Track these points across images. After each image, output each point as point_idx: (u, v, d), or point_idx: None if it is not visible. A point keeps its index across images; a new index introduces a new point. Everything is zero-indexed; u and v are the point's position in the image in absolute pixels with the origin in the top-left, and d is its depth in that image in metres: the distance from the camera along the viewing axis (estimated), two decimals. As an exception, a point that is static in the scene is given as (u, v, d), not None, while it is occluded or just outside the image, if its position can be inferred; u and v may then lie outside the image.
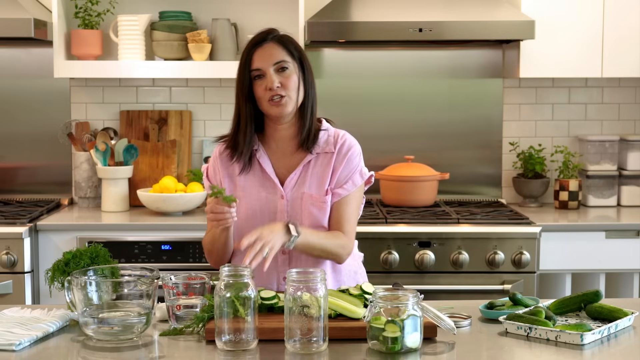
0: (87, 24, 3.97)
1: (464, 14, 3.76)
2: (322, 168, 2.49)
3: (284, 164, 2.51)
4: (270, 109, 2.44)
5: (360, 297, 2.22)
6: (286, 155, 2.51)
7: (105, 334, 2.08)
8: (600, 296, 2.31)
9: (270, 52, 2.43)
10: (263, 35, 2.46)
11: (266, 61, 2.43)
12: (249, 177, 2.50)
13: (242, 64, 2.46)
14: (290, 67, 2.44)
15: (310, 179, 2.48)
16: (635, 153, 4.13)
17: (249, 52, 2.45)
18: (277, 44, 2.45)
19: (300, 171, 2.49)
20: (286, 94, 2.42)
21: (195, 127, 4.21)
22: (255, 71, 2.43)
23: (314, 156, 2.50)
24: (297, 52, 2.47)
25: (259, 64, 2.43)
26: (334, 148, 2.50)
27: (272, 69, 2.42)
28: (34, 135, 4.16)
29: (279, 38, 2.46)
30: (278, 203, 2.47)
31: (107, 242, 3.55)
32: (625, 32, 3.87)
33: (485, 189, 4.26)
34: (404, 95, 4.21)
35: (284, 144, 2.51)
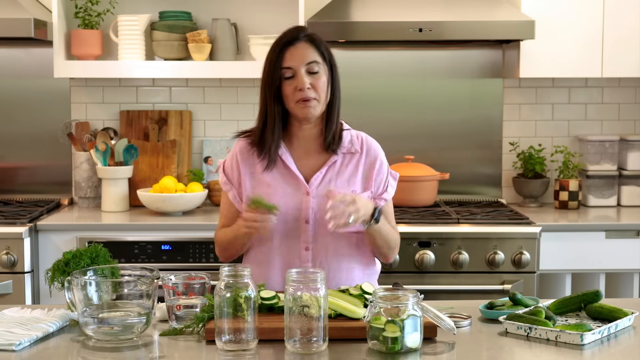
0: (87, 24, 3.97)
1: (464, 14, 3.76)
2: (350, 169, 2.51)
3: (307, 162, 2.50)
4: (298, 109, 2.42)
5: (360, 297, 2.22)
6: (309, 154, 2.51)
7: (105, 334, 2.08)
8: (600, 296, 2.31)
9: (302, 51, 2.42)
10: (295, 34, 2.44)
11: (298, 61, 2.41)
12: (273, 174, 2.48)
13: (272, 62, 2.43)
14: (321, 69, 2.43)
15: (337, 179, 2.49)
16: (635, 153, 4.13)
17: (281, 50, 2.42)
18: (309, 44, 2.43)
19: (326, 170, 2.49)
20: (315, 96, 2.41)
21: (195, 127, 4.21)
22: (286, 70, 2.41)
23: (339, 156, 2.50)
24: (327, 52, 2.46)
25: (291, 63, 2.41)
26: (360, 149, 2.52)
27: (304, 69, 2.41)
28: (34, 135, 4.16)
29: (310, 38, 2.44)
30: (303, 199, 2.46)
31: (107, 242, 3.54)
32: (625, 32, 3.87)
33: (485, 189, 4.26)
34: (404, 95, 4.21)
35: (307, 143, 2.51)
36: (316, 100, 2.41)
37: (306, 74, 2.41)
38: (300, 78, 2.40)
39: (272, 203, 2.33)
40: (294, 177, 2.48)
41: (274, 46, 2.44)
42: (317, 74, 2.41)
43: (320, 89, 2.41)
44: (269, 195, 2.45)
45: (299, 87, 2.40)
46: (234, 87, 4.19)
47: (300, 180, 2.47)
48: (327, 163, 2.49)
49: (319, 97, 2.42)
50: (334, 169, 2.50)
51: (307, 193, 2.47)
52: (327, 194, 2.39)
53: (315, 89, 2.41)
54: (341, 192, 2.37)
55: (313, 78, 2.41)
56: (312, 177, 2.48)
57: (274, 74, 2.42)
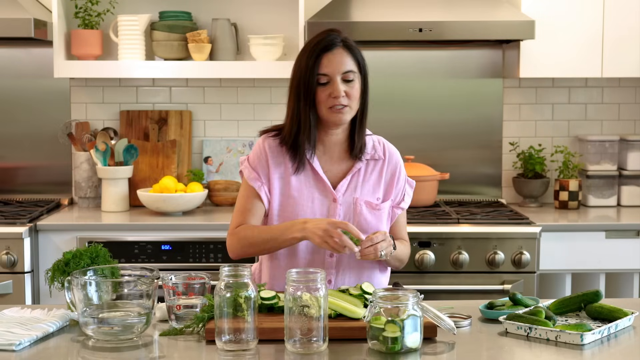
0: (87, 24, 3.97)
1: (464, 14, 3.76)
2: (375, 176, 2.52)
3: (332, 168, 2.50)
4: (331, 116, 2.41)
5: (360, 297, 2.22)
6: (334, 160, 2.51)
7: (105, 334, 2.08)
8: (600, 296, 2.31)
9: (340, 59, 2.40)
10: (331, 39, 2.41)
11: (335, 68, 2.39)
12: (301, 177, 2.48)
13: (308, 67, 2.40)
14: (356, 77, 2.42)
15: (362, 186, 2.50)
16: (635, 153, 4.13)
17: (318, 56, 2.39)
18: (346, 51, 2.42)
19: (351, 177, 2.49)
20: (348, 104, 2.40)
21: (195, 127, 4.21)
22: (322, 76, 2.40)
23: (363, 163, 2.51)
24: (362, 59, 2.45)
25: (328, 70, 2.39)
26: (383, 155, 2.53)
27: (340, 77, 2.39)
28: (34, 135, 4.16)
29: (347, 44, 2.42)
30: (330, 206, 2.47)
31: (107, 242, 3.54)
32: (625, 32, 3.87)
33: (485, 189, 4.26)
34: (404, 95, 4.21)
35: (332, 149, 2.50)
36: (349, 107, 2.41)
37: (342, 81, 2.39)
38: (335, 86, 2.39)
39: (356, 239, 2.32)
40: (322, 182, 2.47)
41: (310, 51, 2.41)
42: (351, 82, 2.41)
43: (353, 96, 2.41)
44: (296, 199, 2.45)
45: (333, 95, 2.39)
46: (234, 87, 4.19)
47: (327, 186, 2.47)
48: (352, 170, 2.50)
49: (352, 105, 2.42)
50: (359, 176, 2.50)
51: (334, 200, 2.47)
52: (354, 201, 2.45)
53: (349, 96, 2.40)
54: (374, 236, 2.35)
55: (348, 86, 2.40)
56: (339, 185, 2.48)
57: (309, 79, 2.40)
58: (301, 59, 2.43)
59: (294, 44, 4.02)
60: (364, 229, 2.46)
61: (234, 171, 4.16)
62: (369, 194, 2.49)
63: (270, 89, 4.19)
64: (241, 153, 4.17)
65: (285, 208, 2.45)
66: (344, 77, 2.40)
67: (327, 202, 2.46)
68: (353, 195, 2.48)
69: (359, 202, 2.48)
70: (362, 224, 2.46)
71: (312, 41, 2.44)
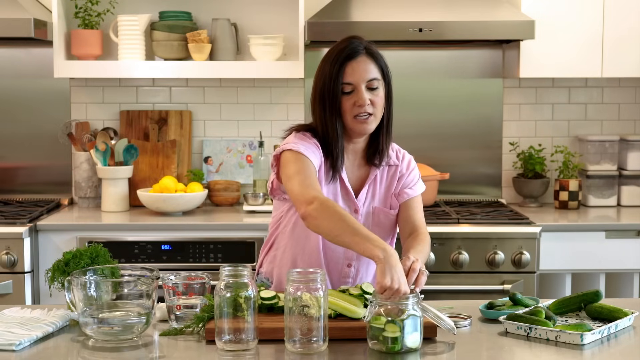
0: (87, 24, 3.97)
1: (464, 14, 3.76)
2: (389, 181, 2.51)
3: (353, 175, 2.48)
4: (356, 125, 2.38)
5: (360, 297, 2.22)
6: (354, 167, 2.49)
7: (105, 334, 2.08)
8: (600, 296, 2.31)
9: (364, 67, 2.37)
10: (355, 47, 2.38)
11: (360, 77, 2.36)
12: (331, 185, 2.44)
13: (333, 76, 2.35)
14: (380, 85, 2.39)
15: (378, 193, 2.49)
16: (635, 153, 4.13)
17: (342, 65, 2.36)
18: (370, 59, 2.38)
19: (369, 185, 2.48)
20: (373, 112, 2.38)
21: (195, 127, 4.21)
22: (347, 85, 2.36)
23: (379, 170, 2.49)
24: (386, 67, 2.42)
25: (352, 78, 2.36)
26: (398, 161, 2.53)
27: (364, 86, 2.36)
28: (34, 135, 4.16)
29: (371, 52, 2.39)
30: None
31: (107, 242, 3.54)
32: (625, 32, 3.87)
33: (485, 189, 4.26)
34: (403, 95, 4.21)
35: (353, 156, 2.48)
36: (373, 116, 2.39)
37: (366, 90, 2.37)
38: (360, 94, 2.35)
39: None
40: (347, 192, 2.45)
41: (333, 60, 2.37)
42: (376, 90, 2.38)
43: (378, 105, 2.38)
44: None
45: (358, 103, 2.36)
46: (234, 87, 4.19)
47: (351, 196, 2.45)
48: (370, 178, 2.48)
49: (377, 113, 2.39)
50: (375, 183, 2.49)
51: (355, 210, 2.45)
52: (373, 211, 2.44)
53: (374, 105, 2.37)
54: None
55: (372, 94, 2.37)
56: (359, 194, 2.46)
57: (334, 88, 2.35)
58: (324, 67, 2.38)
59: (294, 44, 4.02)
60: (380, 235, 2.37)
61: (234, 171, 4.16)
62: (383, 200, 2.50)
63: (270, 89, 4.19)
64: (241, 153, 4.17)
65: None
66: (368, 85, 2.37)
67: (349, 211, 2.43)
68: (372, 205, 2.47)
69: (377, 211, 2.48)
70: (379, 232, 2.41)
71: (334, 49, 2.39)
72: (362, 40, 2.41)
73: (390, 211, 2.50)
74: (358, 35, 2.44)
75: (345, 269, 2.47)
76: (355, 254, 2.41)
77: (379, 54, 2.42)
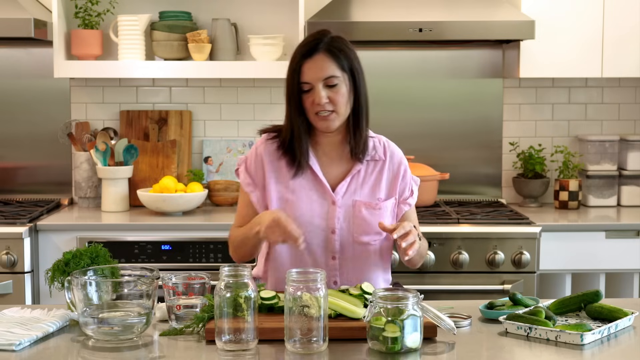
0: (87, 24, 3.97)
1: (464, 14, 3.76)
2: (374, 176, 2.50)
3: (331, 169, 2.49)
4: (318, 122, 2.40)
5: (360, 297, 2.22)
6: (334, 161, 2.49)
7: (105, 334, 2.08)
8: (600, 296, 2.31)
9: (320, 65, 2.37)
10: (313, 44, 2.39)
11: (315, 75, 2.37)
12: (300, 180, 2.46)
13: (291, 75, 2.39)
14: (340, 81, 2.38)
15: (361, 187, 2.48)
16: (635, 153, 4.13)
17: (298, 63, 2.38)
18: (327, 56, 2.38)
19: (350, 179, 2.48)
20: (334, 109, 2.38)
21: (195, 127, 4.21)
22: (305, 84, 2.38)
23: (363, 164, 2.49)
24: (348, 61, 2.40)
25: (308, 77, 2.37)
26: (384, 156, 2.51)
27: (321, 84, 2.37)
28: (34, 135, 4.16)
29: (329, 48, 2.39)
30: (329, 208, 2.45)
31: (107, 242, 3.54)
32: (625, 32, 3.87)
33: (485, 189, 4.26)
34: (404, 95, 4.21)
35: (331, 151, 2.49)
36: (335, 113, 2.39)
37: (324, 87, 2.37)
38: (317, 93, 2.37)
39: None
40: (321, 185, 2.46)
41: (293, 57, 2.40)
42: (335, 87, 2.38)
43: (339, 102, 2.38)
44: (295, 202, 2.44)
45: (316, 102, 2.37)
46: (234, 87, 4.19)
47: (326, 188, 2.46)
48: (352, 172, 2.48)
49: (338, 109, 2.39)
50: (358, 177, 2.48)
51: (333, 202, 2.46)
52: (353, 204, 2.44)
53: (334, 102, 2.38)
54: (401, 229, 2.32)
55: (331, 91, 2.38)
56: (338, 187, 2.46)
57: (293, 87, 2.39)
58: (288, 66, 2.42)
59: (294, 44, 3.96)
60: (363, 230, 2.45)
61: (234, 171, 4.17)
62: (368, 196, 2.48)
63: (270, 89, 4.19)
64: (241, 153, 4.17)
65: (284, 211, 2.40)
66: (326, 83, 2.37)
67: (327, 205, 2.45)
68: (352, 198, 2.46)
69: (357, 204, 2.46)
70: (361, 225, 2.45)
71: (298, 45, 2.43)
72: (326, 36, 2.41)
73: (375, 205, 2.47)
74: (326, 30, 2.44)
75: (331, 261, 2.47)
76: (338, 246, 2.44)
77: (341, 50, 2.40)
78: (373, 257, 2.48)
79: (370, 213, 2.46)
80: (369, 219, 2.46)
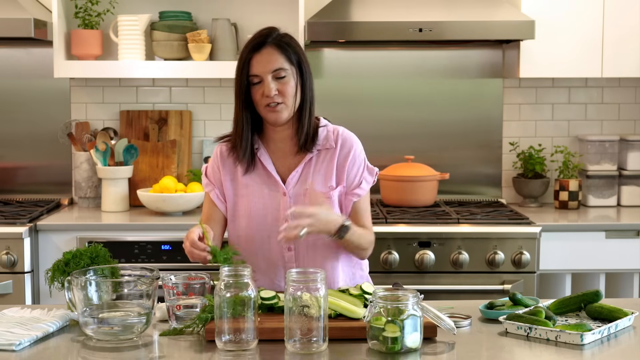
0: (87, 24, 3.97)
1: (464, 14, 3.76)
2: (325, 164, 2.51)
3: (284, 162, 2.53)
4: (267, 114, 2.45)
5: (360, 297, 2.22)
6: (286, 155, 2.53)
7: (105, 334, 2.08)
8: (600, 296, 2.31)
9: (268, 58, 2.42)
10: (261, 39, 2.44)
11: (264, 68, 2.42)
12: (252, 175, 2.52)
13: (240, 68, 2.45)
14: (288, 74, 2.44)
15: (313, 176, 2.50)
16: (635, 153, 4.13)
17: (247, 57, 2.44)
18: (276, 49, 2.43)
19: (302, 169, 2.51)
20: (283, 101, 2.43)
21: (195, 127, 4.21)
22: (254, 77, 2.43)
23: (314, 154, 2.52)
24: (296, 55, 2.46)
25: (257, 70, 2.43)
26: (335, 144, 2.53)
27: (270, 76, 2.42)
28: (34, 135, 4.16)
29: (277, 42, 2.44)
30: (281, 200, 2.48)
31: (107, 242, 3.54)
32: (625, 32, 3.87)
33: (485, 189, 4.26)
34: (404, 95, 4.21)
35: (283, 144, 2.53)
36: (284, 105, 2.43)
37: (273, 80, 2.42)
38: (266, 85, 2.42)
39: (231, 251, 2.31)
40: (272, 178, 2.51)
41: (242, 51, 2.46)
42: (284, 79, 2.43)
43: (287, 93, 2.43)
44: (247, 198, 2.49)
45: (265, 94, 2.42)
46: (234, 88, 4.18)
47: (277, 181, 2.50)
48: (303, 161, 2.51)
49: (286, 102, 2.43)
50: (310, 166, 2.51)
51: (284, 194, 2.49)
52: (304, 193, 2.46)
53: (282, 94, 2.42)
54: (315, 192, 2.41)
55: (280, 83, 2.42)
56: (288, 177, 2.50)
57: (242, 80, 2.45)
58: (238, 61, 2.47)
59: (294, 44, 4.01)
60: None
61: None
62: (320, 184, 2.50)
63: (270, 89, 4.18)
64: (241, 153, 4.16)
65: (239, 207, 2.50)
66: (274, 75, 2.42)
67: (278, 196, 2.49)
68: (303, 187, 2.49)
69: (308, 193, 2.48)
70: None
71: (247, 42, 2.48)
72: (274, 32, 2.47)
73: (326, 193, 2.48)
74: (274, 27, 2.49)
75: (287, 253, 2.48)
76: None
77: (288, 44, 2.46)
78: (329, 247, 2.49)
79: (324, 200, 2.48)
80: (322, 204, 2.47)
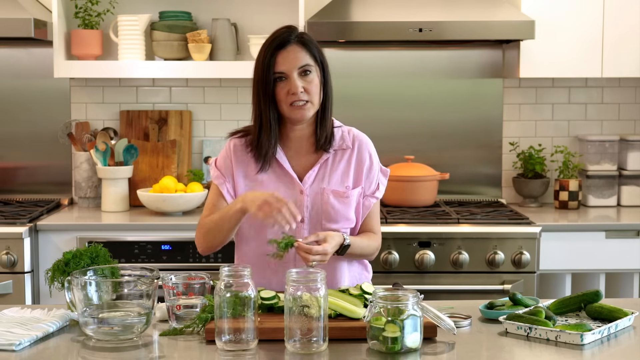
0: (87, 24, 3.97)
1: (464, 14, 3.76)
2: (343, 164, 2.52)
3: (300, 161, 2.52)
4: (292, 112, 2.42)
5: (360, 297, 2.22)
6: (302, 153, 2.52)
7: (105, 334, 2.08)
8: (600, 296, 2.31)
9: (294, 55, 2.41)
10: (285, 37, 2.43)
11: (290, 65, 2.40)
12: (267, 173, 2.50)
13: (265, 66, 2.42)
14: (313, 71, 2.43)
15: (329, 175, 2.50)
16: (635, 153, 4.13)
17: (272, 54, 2.41)
18: (301, 47, 2.43)
19: (318, 168, 2.50)
20: (309, 99, 2.42)
21: (195, 127, 4.21)
22: (279, 74, 2.41)
23: (331, 154, 2.52)
24: (319, 53, 2.46)
25: (283, 67, 2.40)
26: (351, 145, 2.53)
27: (296, 73, 2.40)
28: (34, 135, 4.16)
29: (302, 39, 2.44)
30: (297, 198, 2.47)
31: (107, 242, 3.54)
32: (625, 32, 3.87)
33: (485, 189, 4.26)
34: (403, 95, 4.21)
35: (300, 143, 2.52)
36: (310, 103, 2.42)
37: (299, 77, 2.41)
38: (293, 82, 2.40)
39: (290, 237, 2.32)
40: (288, 176, 2.49)
41: (265, 49, 2.44)
42: (309, 77, 2.42)
43: (313, 91, 2.42)
44: None
45: (292, 91, 2.40)
46: (234, 87, 4.20)
47: (294, 179, 2.49)
48: (319, 161, 2.51)
49: (312, 99, 2.43)
50: (326, 166, 2.51)
51: (301, 192, 2.48)
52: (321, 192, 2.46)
53: (308, 92, 2.41)
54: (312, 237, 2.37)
55: (305, 81, 2.41)
56: (305, 176, 2.50)
57: (267, 78, 2.42)
58: (259, 58, 2.45)
59: (294, 44, 4.01)
60: (332, 217, 2.47)
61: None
62: (337, 184, 2.50)
63: (270, 89, 4.18)
64: (241, 153, 4.17)
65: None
66: (300, 72, 2.41)
67: (295, 195, 2.47)
68: (320, 186, 2.49)
69: (326, 191, 2.49)
70: (330, 213, 2.47)
71: (268, 39, 2.46)
72: (295, 30, 2.46)
73: (345, 192, 2.49)
74: (292, 25, 2.48)
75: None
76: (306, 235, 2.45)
77: (312, 42, 2.46)
78: None
79: (339, 201, 2.49)
80: (337, 206, 2.48)
